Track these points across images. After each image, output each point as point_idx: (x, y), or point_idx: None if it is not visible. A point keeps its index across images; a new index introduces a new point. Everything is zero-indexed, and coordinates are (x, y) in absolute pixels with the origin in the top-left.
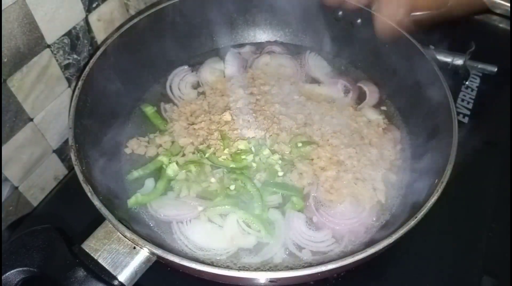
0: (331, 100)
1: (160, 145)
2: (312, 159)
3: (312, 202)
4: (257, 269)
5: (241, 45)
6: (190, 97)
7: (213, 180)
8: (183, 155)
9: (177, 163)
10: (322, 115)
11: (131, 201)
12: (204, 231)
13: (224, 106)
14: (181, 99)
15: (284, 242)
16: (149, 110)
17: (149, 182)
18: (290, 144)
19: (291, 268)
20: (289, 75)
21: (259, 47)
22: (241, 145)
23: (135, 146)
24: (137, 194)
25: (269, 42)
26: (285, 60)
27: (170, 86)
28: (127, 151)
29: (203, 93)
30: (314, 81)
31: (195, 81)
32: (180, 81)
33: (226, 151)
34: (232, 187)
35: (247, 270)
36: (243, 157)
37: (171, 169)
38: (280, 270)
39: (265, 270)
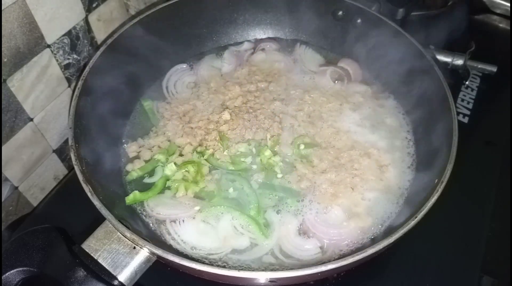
0: (325, 90)
1: (155, 146)
2: (313, 161)
3: (306, 206)
4: (252, 269)
5: (240, 43)
6: (184, 96)
7: (210, 180)
8: (181, 155)
9: (175, 164)
10: (321, 109)
11: (129, 198)
12: (197, 231)
13: (221, 104)
14: (174, 98)
15: (274, 245)
16: (147, 105)
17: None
18: (292, 145)
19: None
20: (284, 70)
21: (257, 44)
22: (242, 148)
23: (133, 147)
24: (135, 192)
25: (265, 39)
26: (279, 55)
27: (167, 85)
28: (127, 151)
29: (199, 91)
30: (308, 73)
31: (192, 79)
32: (177, 80)
33: (225, 153)
34: (231, 190)
35: (247, 270)
36: (242, 159)
37: (169, 169)
38: (280, 270)
39: (265, 270)
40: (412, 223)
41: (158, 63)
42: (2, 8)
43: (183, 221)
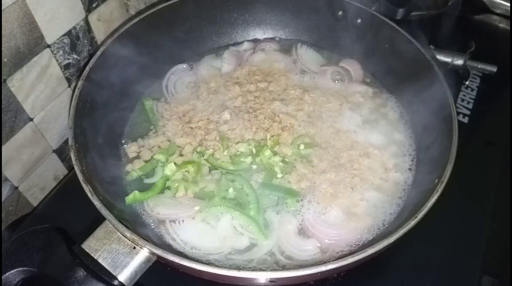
0: (325, 90)
1: (155, 146)
2: (313, 161)
3: (306, 206)
4: (252, 269)
5: (240, 43)
6: (183, 96)
7: (210, 180)
8: (181, 155)
9: (175, 164)
10: (320, 109)
11: (129, 198)
12: (197, 231)
13: (221, 104)
14: (174, 98)
15: (273, 245)
16: (148, 104)
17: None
18: (292, 145)
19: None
20: (284, 70)
21: (257, 44)
22: (242, 148)
23: (132, 148)
24: (135, 192)
25: (265, 39)
26: (279, 55)
27: (166, 85)
28: (127, 152)
29: (198, 91)
30: (308, 73)
31: (192, 80)
32: (177, 80)
33: (225, 153)
34: (231, 190)
35: (247, 270)
36: (242, 159)
37: (169, 169)
38: (280, 270)
39: (265, 270)
40: (412, 223)
41: (158, 63)
42: (2, 8)
43: (182, 221)
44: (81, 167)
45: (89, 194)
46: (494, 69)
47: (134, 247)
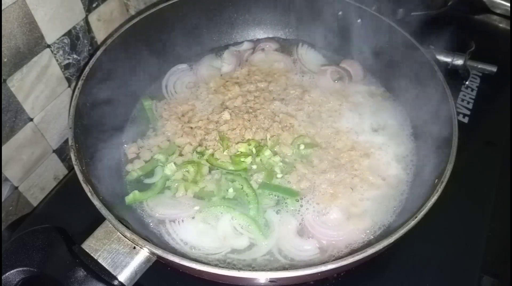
0: (325, 90)
1: (155, 146)
2: (313, 161)
3: (306, 206)
4: (252, 269)
5: (240, 43)
6: (183, 96)
7: (210, 180)
8: (181, 155)
9: (175, 164)
10: (320, 109)
11: (129, 198)
12: (197, 230)
13: (220, 104)
14: (173, 98)
15: (273, 245)
16: (148, 104)
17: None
18: (292, 145)
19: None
20: (284, 70)
21: (256, 44)
22: (242, 148)
23: (132, 149)
24: (135, 191)
25: (265, 39)
26: (279, 55)
27: (166, 85)
28: (127, 152)
29: (198, 91)
30: (308, 73)
31: (191, 80)
32: (177, 80)
33: (225, 153)
34: (231, 190)
35: (247, 270)
36: (242, 159)
37: (169, 169)
38: (280, 270)
39: (265, 270)
40: (412, 223)
41: (158, 63)
42: (2, 8)
43: (182, 221)
44: (81, 167)
45: (89, 194)
46: (494, 69)
47: (134, 247)
